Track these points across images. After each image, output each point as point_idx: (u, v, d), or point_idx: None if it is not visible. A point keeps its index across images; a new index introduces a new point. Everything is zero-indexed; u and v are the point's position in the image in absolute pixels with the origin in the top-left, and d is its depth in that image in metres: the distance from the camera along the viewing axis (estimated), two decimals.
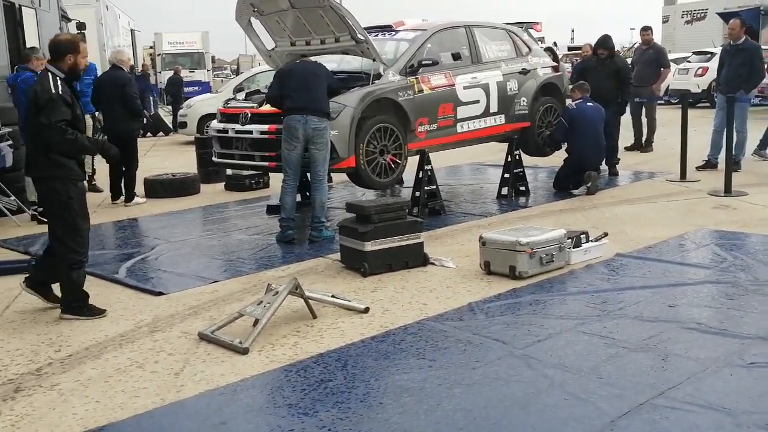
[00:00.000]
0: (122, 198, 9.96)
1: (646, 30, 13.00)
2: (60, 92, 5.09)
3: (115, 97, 9.51)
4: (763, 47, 11.66)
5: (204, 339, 4.72)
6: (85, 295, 5.37)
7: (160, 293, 5.81)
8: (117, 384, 4.11)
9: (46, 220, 5.48)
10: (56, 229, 5.27)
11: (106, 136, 9.33)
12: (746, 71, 10.05)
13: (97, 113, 10.35)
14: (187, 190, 10.53)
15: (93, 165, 10.83)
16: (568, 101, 9.52)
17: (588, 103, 9.26)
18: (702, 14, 28.23)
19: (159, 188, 10.43)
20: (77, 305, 5.31)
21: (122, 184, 9.92)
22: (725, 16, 23.16)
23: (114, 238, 8.14)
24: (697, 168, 10.12)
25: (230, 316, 4.91)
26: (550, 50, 10.71)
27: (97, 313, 5.30)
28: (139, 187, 10.24)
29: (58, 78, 5.14)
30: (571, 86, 9.68)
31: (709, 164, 10.27)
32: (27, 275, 5.68)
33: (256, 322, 4.68)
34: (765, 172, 9.85)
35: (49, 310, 5.44)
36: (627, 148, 12.51)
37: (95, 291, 5.64)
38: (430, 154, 8.33)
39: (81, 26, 17.27)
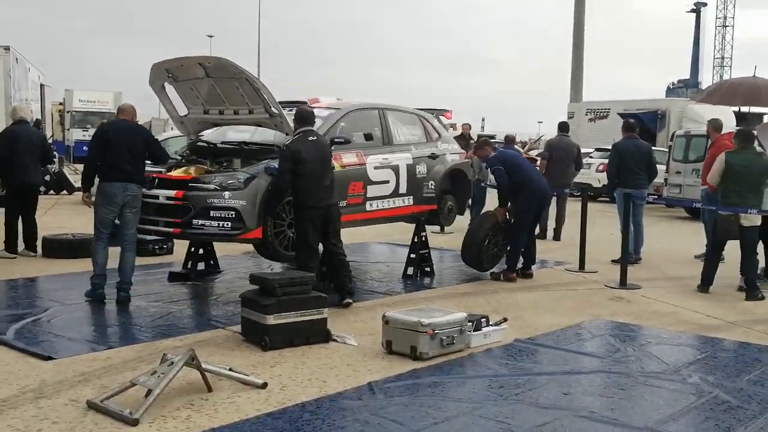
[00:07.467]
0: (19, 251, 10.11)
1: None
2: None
3: (34, 149, 9.98)
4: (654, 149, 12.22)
5: (93, 408, 4.54)
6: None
7: (50, 358, 5.58)
8: None
9: None
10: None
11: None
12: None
13: None
14: (88, 251, 10.13)
15: None
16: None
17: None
18: (604, 113, 29.57)
19: (58, 248, 10.08)
20: None
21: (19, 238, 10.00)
22: (625, 117, 24.34)
23: (5, 298, 7.80)
24: (613, 261, 10.21)
25: (122, 385, 4.74)
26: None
27: None
28: (38, 246, 10.27)
29: None
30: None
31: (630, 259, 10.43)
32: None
33: (149, 392, 4.54)
34: (657, 267, 10.26)
35: None
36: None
37: None
38: None
39: None
